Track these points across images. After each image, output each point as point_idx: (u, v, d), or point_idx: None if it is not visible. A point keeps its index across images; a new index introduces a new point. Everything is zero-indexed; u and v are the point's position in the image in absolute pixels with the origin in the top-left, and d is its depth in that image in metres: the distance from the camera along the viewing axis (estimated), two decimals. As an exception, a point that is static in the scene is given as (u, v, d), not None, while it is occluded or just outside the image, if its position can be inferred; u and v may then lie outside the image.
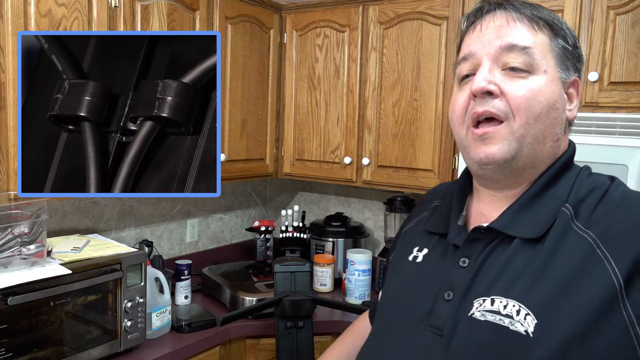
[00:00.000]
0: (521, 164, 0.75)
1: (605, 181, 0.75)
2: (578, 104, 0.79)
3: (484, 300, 0.71)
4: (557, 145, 0.77)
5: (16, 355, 1.40)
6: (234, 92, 2.23)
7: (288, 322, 1.79)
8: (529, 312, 0.67)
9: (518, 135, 0.73)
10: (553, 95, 0.74)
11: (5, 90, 1.48)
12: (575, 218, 0.71)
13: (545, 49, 0.75)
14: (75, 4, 1.61)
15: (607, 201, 0.72)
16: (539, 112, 0.73)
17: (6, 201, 1.45)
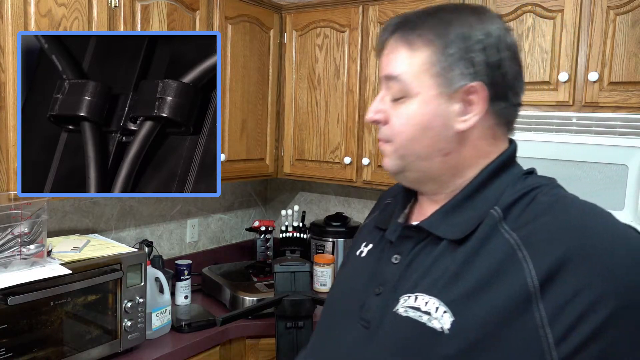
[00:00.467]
0: (416, 176, 0.81)
1: (539, 184, 0.75)
2: (481, 110, 0.75)
3: (409, 296, 0.74)
4: (452, 158, 0.77)
5: (16, 355, 1.41)
6: (234, 92, 2.23)
7: (288, 322, 1.79)
8: (447, 309, 0.69)
9: (399, 154, 0.79)
10: (426, 117, 0.76)
11: (5, 90, 1.48)
12: (503, 220, 0.72)
13: (420, 69, 0.76)
14: (75, 4, 1.61)
15: (535, 205, 0.72)
16: (413, 135, 0.77)
17: (6, 201, 1.45)
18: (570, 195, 0.74)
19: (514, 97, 0.77)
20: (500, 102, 0.76)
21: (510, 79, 0.76)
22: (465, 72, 0.74)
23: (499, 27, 0.75)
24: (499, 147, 0.79)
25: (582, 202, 0.73)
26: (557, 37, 1.81)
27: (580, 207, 0.71)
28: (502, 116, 0.77)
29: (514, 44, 0.77)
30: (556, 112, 1.80)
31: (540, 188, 0.74)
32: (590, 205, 0.72)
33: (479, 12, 0.77)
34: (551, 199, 0.72)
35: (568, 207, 0.71)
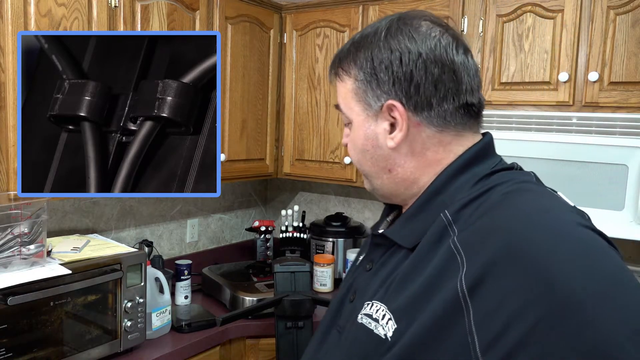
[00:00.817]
0: (379, 193, 0.84)
1: (503, 180, 0.71)
2: (404, 125, 0.75)
3: (368, 304, 0.75)
4: (398, 173, 0.79)
5: (16, 355, 1.41)
6: (234, 92, 2.23)
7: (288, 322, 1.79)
8: (391, 317, 0.69)
9: (361, 172, 0.85)
10: (360, 140, 0.80)
11: (5, 90, 1.48)
12: (454, 224, 0.69)
13: (347, 96, 0.80)
14: (75, 4, 1.61)
15: (485, 203, 0.68)
16: (358, 158, 0.82)
17: (6, 201, 1.45)
18: (526, 190, 0.70)
19: (445, 101, 0.74)
20: (425, 111, 0.74)
21: (429, 86, 0.73)
22: (378, 92, 0.76)
23: (410, 37, 0.74)
24: (453, 151, 0.77)
25: (531, 198, 0.68)
26: (557, 37, 1.81)
27: (523, 204, 0.66)
28: (439, 123, 0.75)
29: (433, 48, 0.74)
30: (556, 112, 1.80)
31: (502, 185, 0.70)
32: (539, 202, 0.67)
33: (392, 29, 0.76)
34: (501, 196, 0.68)
35: (510, 204, 0.67)
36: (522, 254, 0.60)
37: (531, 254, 0.59)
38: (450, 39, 0.75)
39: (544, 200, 0.68)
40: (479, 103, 0.78)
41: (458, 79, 0.74)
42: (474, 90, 0.76)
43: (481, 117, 0.80)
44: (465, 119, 0.76)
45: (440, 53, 0.74)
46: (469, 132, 0.78)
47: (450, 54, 0.74)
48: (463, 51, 0.76)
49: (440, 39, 0.74)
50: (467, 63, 0.75)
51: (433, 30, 0.75)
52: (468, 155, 0.76)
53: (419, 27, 0.75)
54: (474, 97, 0.76)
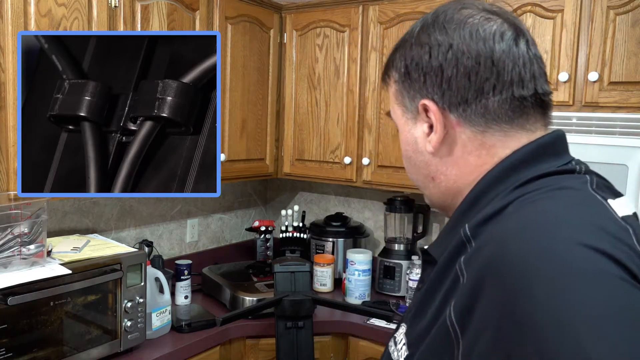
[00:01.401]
0: (437, 205, 0.76)
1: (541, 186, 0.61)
2: (440, 126, 0.67)
3: (402, 325, 0.71)
4: (442, 181, 0.71)
5: (16, 355, 1.41)
6: (234, 92, 2.23)
7: (288, 322, 1.79)
8: (405, 342, 0.66)
9: (417, 186, 0.78)
10: (404, 146, 0.75)
11: (5, 90, 1.48)
12: (472, 240, 0.61)
13: (392, 100, 0.76)
14: (75, 4, 1.61)
15: (500, 216, 0.60)
16: (406, 167, 0.76)
17: (6, 201, 1.45)
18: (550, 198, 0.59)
19: (483, 96, 0.64)
20: (461, 108, 0.66)
21: (461, 79, 0.65)
22: (412, 93, 0.70)
23: (442, 29, 0.67)
24: (497, 155, 0.66)
25: (546, 207, 0.57)
26: (557, 37, 1.81)
27: (530, 214, 0.57)
28: (480, 121, 0.65)
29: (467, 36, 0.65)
30: (556, 112, 1.79)
31: (535, 192, 0.60)
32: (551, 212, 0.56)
33: (427, 22, 0.69)
34: (519, 205, 0.59)
35: (518, 214, 0.58)
36: (494, 272, 0.53)
37: (501, 272, 0.52)
38: (496, 26, 0.65)
39: (561, 211, 0.56)
40: (535, 95, 0.65)
41: (499, 69, 0.64)
42: (524, 82, 0.64)
43: (545, 112, 0.68)
44: (515, 116, 0.65)
45: (475, 41, 0.65)
46: (522, 132, 0.66)
47: (489, 41, 0.64)
48: (512, 38, 0.65)
49: (479, 26, 0.65)
50: (514, 51, 0.64)
51: (473, 17, 0.66)
52: (513, 158, 0.65)
53: (456, 15, 0.67)
54: (526, 89, 0.65)
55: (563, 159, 0.65)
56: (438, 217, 2.46)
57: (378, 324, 2.03)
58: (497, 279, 0.52)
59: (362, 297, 2.25)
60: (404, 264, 2.28)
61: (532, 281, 0.49)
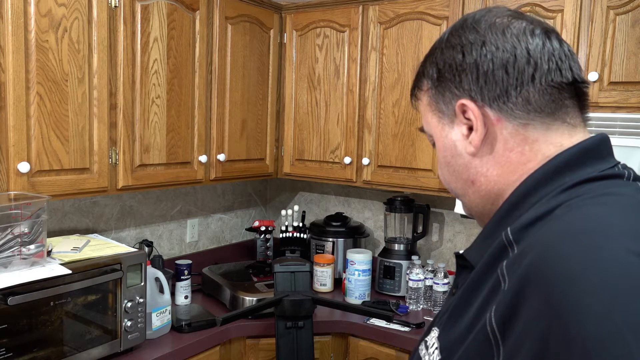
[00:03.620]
0: (475, 213, 0.75)
1: (587, 191, 0.58)
2: (480, 124, 0.65)
3: (433, 329, 0.70)
4: (482, 184, 0.69)
5: (16, 355, 1.41)
6: (234, 92, 2.23)
7: (288, 322, 1.79)
8: (437, 346, 0.65)
9: (455, 196, 0.76)
10: (441, 154, 0.73)
11: (5, 90, 1.48)
12: (515, 244, 0.58)
13: (425, 111, 0.75)
14: (75, 4, 1.61)
15: (546, 220, 0.57)
16: (444, 177, 0.75)
17: (6, 201, 1.45)
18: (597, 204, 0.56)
19: (525, 86, 0.63)
20: (502, 101, 0.64)
21: (499, 72, 0.64)
22: (448, 96, 0.68)
23: (472, 29, 0.67)
24: (541, 151, 0.64)
25: (593, 213, 0.54)
26: (557, 37, 1.81)
27: (576, 220, 0.54)
28: (522, 114, 0.63)
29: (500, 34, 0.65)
30: (556, 112, 1.80)
31: (580, 197, 0.57)
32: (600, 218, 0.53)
33: (455, 28, 0.70)
34: (564, 210, 0.56)
35: (564, 219, 0.55)
36: (540, 278, 0.50)
37: (548, 279, 0.49)
38: (525, 24, 0.65)
39: (610, 218, 0.53)
40: (574, 84, 0.64)
41: (535, 60, 0.63)
42: (562, 70, 0.63)
43: (583, 106, 0.66)
44: (556, 107, 0.63)
45: (509, 37, 0.64)
46: (563, 126, 0.64)
47: (522, 37, 0.64)
48: (542, 34, 0.64)
49: (509, 24, 0.65)
50: (548, 45, 0.63)
51: (501, 18, 0.66)
52: (559, 159, 0.63)
53: (484, 17, 0.67)
54: (564, 77, 0.63)
55: (608, 162, 0.63)
56: (438, 217, 2.46)
57: (378, 324, 2.03)
58: (542, 286, 0.49)
59: (362, 297, 2.25)
60: (404, 264, 2.28)
61: (581, 290, 0.46)
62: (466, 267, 0.69)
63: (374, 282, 2.36)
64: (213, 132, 2.15)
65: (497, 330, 0.53)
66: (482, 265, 0.62)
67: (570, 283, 0.47)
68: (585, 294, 0.46)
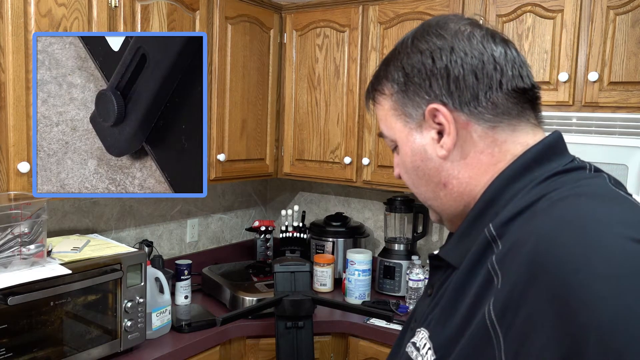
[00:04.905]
0: (447, 217, 0.75)
1: (561, 184, 0.61)
2: (452, 128, 0.67)
3: (418, 331, 0.70)
4: (454, 186, 0.70)
5: (16, 355, 1.41)
6: (234, 92, 2.23)
7: (288, 322, 1.79)
8: (430, 346, 0.65)
9: (423, 202, 0.77)
10: (408, 158, 0.72)
11: (5, 90, 1.48)
12: (498, 239, 0.60)
13: (387, 116, 0.73)
14: (75, 4, 1.61)
15: (530, 212, 0.58)
16: (412, 181, 0.74)
17: (6, 201, 1.45)
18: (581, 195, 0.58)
19: (492, 90, 0.66)
20: (472, 105, 0.66)
21: (469, 77, 0.66)
22: (416, 100, 0.69)
23: (439, 35, 0.68)
24: (510, 151, 0.67)
25: (582, 204, 0.56)
26: (557, 37, 1.81)
27: (567, 211, 0.55)
28: (490, 117, 0.66)
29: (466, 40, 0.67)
30: (556, 112, 1.80)
31: (557, 190, 0.59)
32: (590, 209, 0.55)
33: (418, 34, 0.70)
34: (549, 203, 0.58)
35: (553, 212, 0.56)
36: (542, 268, 0.50)
37: (552, 269, 0.50)
38: (484, 32, 0.68)
39: (599, 208, 0.55)
40: (532, 89, 0.69)
41: (501, 66, 0.66)
42: (523, 77, 0.68)
43: (539, 107, 0.71)
44: (519, 107, 0.67)
45: (475, 44, 0.67)
46: (527, 124, 0.68)
47: (487, 45, 0.67)
48: (501, 43, 0.68)
49: (472, 32, 0.68)
50: (509, 53, 0.68)
51: (463, 25, 0.69)
52: (527, 157, 0.66)
53: (447, 25, 0.69)
54: (525, 83, 0.68)
55: (567, 157, 0.67)
56: (438, 217, 2.46)
57: (378, 324, 2.03)
58: (546, 276, 0.50)
59: (362, 297, 2.25)
60: (404, 264, 2.28)
61: (589, 278, 0.47)
62: (441, 267, 0.72)
63: (374, 282, 2.36)
64: (213, 132, 2.15)
65: (497, 323, 0.54)
66: (467, 263, 0.63)
67: (575, 271, 0.48)
68: (592, 280, 0.47)
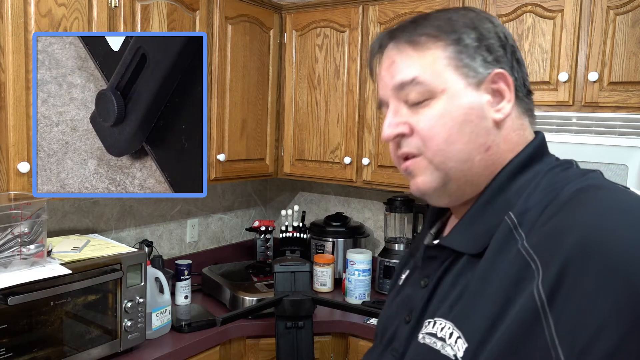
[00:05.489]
0: (456, 186, 0.72)
1: (569, 178, 0.65)
2: (513, 96, 0.71)
3: (429, 322, 0.69)
4: (493, 154, 0.70)
5: (16, 355, 1.41)
6: (234, 92, 2.23)
7: (288, 322, 1.79)
8: (460, 335, 0.63)
9: (437, 163, 0.71)
10: (460, 110, 0.69)
11: (5, 90, 1.48)
12: (519, 227, 0.63)
13: (436, 65, 0.70)
14: (75, 4, 1.61)
15: (554, 203, 0.62)
16: (448, 136, 0.69)
17: (6, 201, 1.45)
18: (600, 186, 0.62)
19: (528, 85, 0.75)
20: (520, 88, 0.72)
21: (522, 62, 0.74)
22: (488, 60, 0.70)
23: (495, 20, 0.75)
24: (526, 138, 0.72)
25: (609, 192, 0.61)
26: (557, 37, 1.81)
27: (600, 199, 0.59)
28: (525, 104, 0.73)
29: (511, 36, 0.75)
30: (556, 112, 1.80)
31: (570, 183, 0.63)
32: (619, 195, 0.60)
33: (469, 10, 0.74)
34: (572, 194, 0.61)
35: (585, 200, 0.60)
36: (599, 247, 0.53)
37: (610, 245, 0.53)
38: None
39: (623, 195, 0.60)
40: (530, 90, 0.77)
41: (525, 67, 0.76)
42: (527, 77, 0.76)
43: None
44: (532, 106, 0.76)
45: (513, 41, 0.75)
46: (528, 123, 0.75)
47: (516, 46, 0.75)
48: None
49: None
50: None
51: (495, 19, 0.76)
52: (530, 150, 0.71)
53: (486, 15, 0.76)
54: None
55: (551, 154, 0.74)
56: (438, 217, 2.45)
57: (378, 324, 2.03)
58: (601, 256, 0.53)
59: (362, 297, 2.25)
60: (404, 264, 2.28)
61: None
62: (437, 258, 0.73)
63: (374, 282, 2.36)
64: (213, 132, 2.15)
65: (547, 304, 0.56)
66: (493, 249, 0.65)
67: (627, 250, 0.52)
68: None
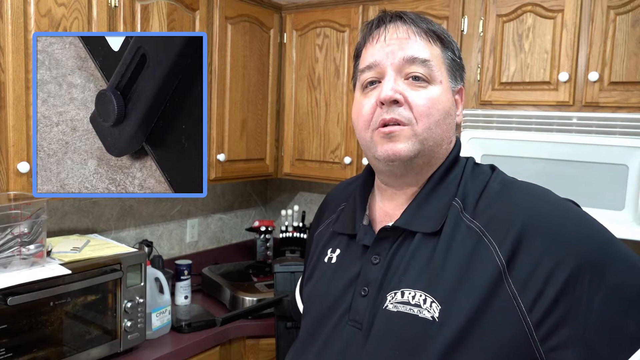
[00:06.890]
0: (421, 162, 0.83)
1: (486, 172, 0.85)
2: (462, 110, 0.89)
3: (395, 293, 0.79)
4: (448, 147, 0.86)
5: (16, 355, 1.40)
6: (234, 92, 2.23)
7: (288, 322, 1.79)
8: (433, 299, 0.75)
9: (421, 137, 0.81)
10: (447, 103, 0.83)
11: (5, 90, 1.48)
12: (464, 210, 0.80)
13: (439, 61, 0.84)
14: (75, 4, 1.61)
15: (488, 192, 0.81)
16: (438, 119, 0.82)
17: (6, 201, 1.45)
18: (512, 180, 0.83)
19: None
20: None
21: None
22: (461, 75, 0.88)
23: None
24: (453, 143, 0.89)
25: (524, 185, 0.82)
26: (557, 37, 1.81)
27: (523, 190, 0.81)
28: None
29: None
30: (556, 112, 1.80)
31: (492, 177, 0.83)
32: (532, 187, 0.81)
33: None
34: (499, 186, 0.81)
35: (514, 191, 0.80)
36: (544, 224, 0.74)
37: (553, 223, 0.74)
38: None
39: (535, 186, 0.82)
40: None
41: None
42: None
43: None
44: None
45: None
46: None
47: None
48: None
49: None
50: None
51: None
52: (457, 149, 0.88)
53: None
54: None
55: None
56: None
57: (378, 324, 2.03)
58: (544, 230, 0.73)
59: (362, 297, 2.24)
60: (404, 264, 2.28)
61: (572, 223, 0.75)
62: (388, 238, 0.84)
63: (374, 282, 2.35)
64: (213, 132, 2.15)
65: (506, 266, 0.73)
66: (448, 228, 0.79)
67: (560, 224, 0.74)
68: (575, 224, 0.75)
